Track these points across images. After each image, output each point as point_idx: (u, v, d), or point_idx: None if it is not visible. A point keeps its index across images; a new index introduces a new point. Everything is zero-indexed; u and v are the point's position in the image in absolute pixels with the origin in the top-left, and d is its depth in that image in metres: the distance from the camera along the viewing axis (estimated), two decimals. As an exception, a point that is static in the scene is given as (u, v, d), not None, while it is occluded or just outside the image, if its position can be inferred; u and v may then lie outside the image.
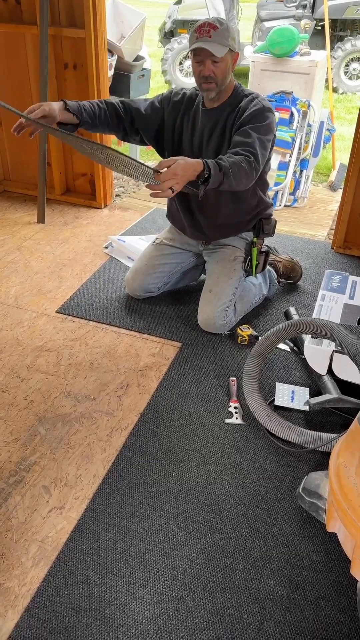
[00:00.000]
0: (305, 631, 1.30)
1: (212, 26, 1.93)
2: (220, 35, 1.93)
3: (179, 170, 1.74)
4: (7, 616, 1.31)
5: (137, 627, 1.29)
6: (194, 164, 1.79)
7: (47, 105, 1.87)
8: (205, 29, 1.93)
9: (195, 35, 1.95)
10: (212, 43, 1.93)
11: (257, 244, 2.29)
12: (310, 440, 1.73)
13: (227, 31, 1.95)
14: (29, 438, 1.79)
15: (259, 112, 2.03)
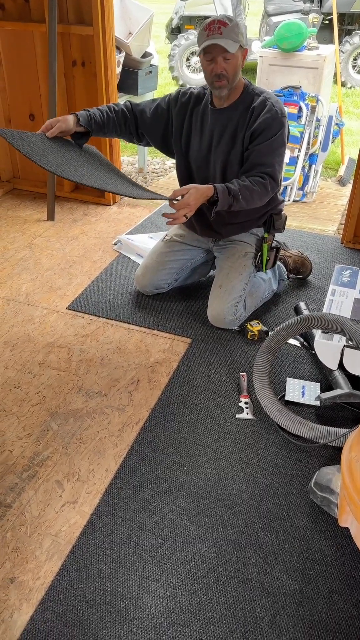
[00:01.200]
0: (318, 625, 1.30)
1: (222, 23, 1.92)
2: (230, 31, 1.92)
3: (192, 200, 1.92)
4: (22, 609, 1.32)
5: (151, 621, 1.30)
6: (206, 190, 1.95)
7: (64, 122, 1.99)
8: (215, 27, 1.92)
9: (205, 34, 1.94)
10: (223, 39, 1.92)
11: (268, 239, 2.29)
12: (322, 435, 1.73)
13: (236, 27, 1.94)
14: (42, 433, 1.80)
15: (272, 121, 2.02)
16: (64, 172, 1.83)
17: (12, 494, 1.60)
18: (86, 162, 2.01)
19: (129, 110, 2.19)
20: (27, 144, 1.87)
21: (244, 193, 2.00)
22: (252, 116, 2.06)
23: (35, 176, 3.61)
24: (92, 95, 3.13)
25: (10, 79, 3.29)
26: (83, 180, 1.83)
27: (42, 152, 1.88)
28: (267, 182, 2.04)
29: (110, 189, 1.87)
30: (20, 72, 3.24)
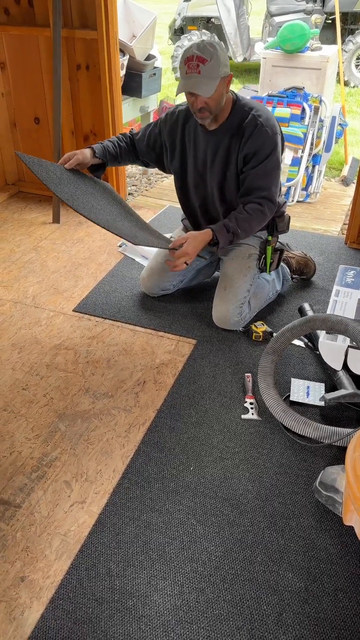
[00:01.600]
0: (324, 622, 1.32)
1: (201, 60, 1.84)
2: (210, 68, 1.85)
3: (190, 249, 2.00)
4: (32, 607, 1.35)
5: (159, 618, 1.32)
6: (204, 237, 2.03)
7: (81, 154, 2.09)
8: (193, 64, 1.85)
9: (185, 70, 1.88)
10: (201, 80, 1.86)
11: (272, 242, 2.30)
12: (327, 435, 1.75)
13: (217, 62, 1.86)
14: (50, 434, 1.83)
15: (264, 142, 2.00)
16: (75, 203, 1.88)
17: (21, 494, 1.63)
18: (100, 196, 2.07)
19: (131, 140, 2.26)
20: (45, 171, 1.93)
21: (242, 225, 2.04)
22: (243, 138, 2.03)
23: (41, 179, 3.64)
24: (97, 99, 3.15)
25: (15, 83, 3.32)
26: (92, 214, 1.86)
27: (58, 180, 1.94)
28: (264, 207, 2.06)
29: (115, 229, 1.88)
30: (25, 76, 3.27)
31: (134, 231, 1.97)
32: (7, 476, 1.68)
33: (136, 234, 1.94)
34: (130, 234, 1.91)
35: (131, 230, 1.97)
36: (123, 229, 1.92)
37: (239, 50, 7.25)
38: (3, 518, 1.56)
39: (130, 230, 1.96)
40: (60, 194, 1.86)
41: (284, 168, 3.53)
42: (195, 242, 2.02)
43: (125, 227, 1.96)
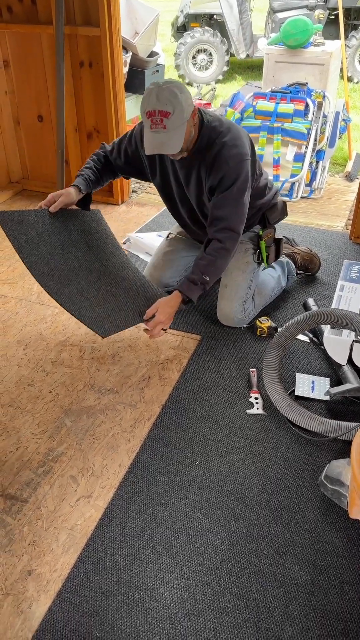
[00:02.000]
0: (330, 614, 1.33)
1: (164, 114, 1.75)
2: (174, 120, 1.76)
3: (163, 317, 1.97)
4: (40, 600, 1.36)
5: (166, 611, 1.33)
6: (174, 300, 1.99)
7: (66, 196, 2.01)
8: (157, 119, 1.76)
9: (149, 124, 1.79)
10: (169, 136, 1.79)
11: (264, 236, 2.26)
12: (332, 429, 1.75)
13: (180, 110, 1.76)
14: (56, 430, 1.84)
15: (226, 173, 1.94)
16: (48, 284, 1.84)
17: (28, 489, 1.63)
18: (82, 248, 2.03)
19: (106, 158, 2.18)
20: (23, 233, 1.84)
21: (208, 270, 1.99)
22: (207, 169, 1.98)
23: (45, 177, 3.65)
24: (100, 96, 3.16)
25: (19, 81, 3.33)
26: (63, 299, 1.83)
27: (37, 242, 1.88)
28: (224, 243, 1.99)
29: (84, 318, 1.85)
30: (28, 74, 3.28)
31: (105, 314, 1.90)
32: (14, 471, 1.69)
33: (104, 321, 1.88)
34: (97, 323, 1.85)
35: (101, 315, 1.90)
36: (93, 316, 1.87)
37: (241, 47, 7.24)
38: (10, 513, 1.57)
39: (99, 315, 1.89)
40: (35, 273, 1.82)
41: (287, 164, 3.53)
42: (167, 308, 1.98)
43: (96, 312, 1.89)
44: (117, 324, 1.91)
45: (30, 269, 1.82)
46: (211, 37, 7.18)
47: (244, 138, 2.01)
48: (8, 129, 3.50)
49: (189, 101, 1.82)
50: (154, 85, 1.78)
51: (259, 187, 2.16)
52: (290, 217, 3.33)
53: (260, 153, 3.59)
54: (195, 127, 1.93)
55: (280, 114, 3.50)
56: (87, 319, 1.83)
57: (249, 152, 2.01)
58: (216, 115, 2.01)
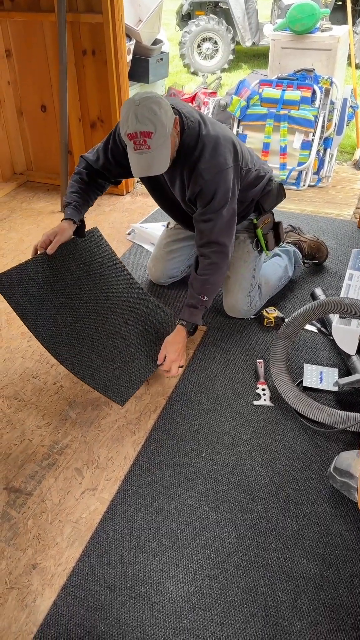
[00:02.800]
0: (339, 608, 1.30)
1: (146, 134, 1.66)
2: (158, 138, 1.69)
3: (173, 356, 1.91)
4: (44, 594, 1.34)
5: (172, 605, 1.31)
6: (179, 335, 1.93)
7: (60, 234, 1.91)
8: (139, 140, 1.68)
9: (132, 145, 1.71)
10: (154, 155, 1.73)
11: (260, 223, 2.18)
12: (340, 420, 1.72)
13: (162, 127, 1.68)
14: (60, 422, 1.82)
15: (204, 186, 1.86)
16: (56, 348, 1.80)
17: (32, 481, 1.62)
18: (88, 285, 2.00)
19: (93, 171, 2.07)
20: (24, 292, 1.80)
21: (205, 290, 1.93)
22: (187, 177, 1.91)
23: (49, 168, 3.62)
24: (103, 85, 3.11)
25: (21, 70, 3.29)
26: (70, 364, 1.80)
27: (39, 304, 1.83)
28: (211, 258, 1.92)
29: (89, 380, 1.81)
30: (30, 63, 3.24)
31: (119, 370, 1.87)
32: (18, 464, 1.67)
33: (119, 382, 1.84)
34: (114, 389, 1.81)
35: (115, 374, 1.86)
36: (107, 379, 1.83)
37: (247, 35, 7.15)
38: (14, 506, 1.55)
39: (114, 375, 1.85)
40: (42, 340, 1.79)
41: (294, 152, 3.48)
42: (174, 346, 1.92)
43: (110, 371, 1.85)
44: (132, 381, 1.87)
45: (37, 337, 1.78)
46: (216, 25, 7.09)
47: (224, 145, 1.89)
48: (11, 119, 3.47)
49: (169, 113, 1.73)
50: (130, 104, 1.68)
51: (249, 181, 2.08)
52: (298, 205, 3.28)
53: (267, 141, 3.54)
54: (178, 135, 1.85)
55: (286, 101, 3.45)
56: (102, 386, 1.80)
57: (231, 159, 1.90)
58: (196, 117, 1.89)
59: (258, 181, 2.12)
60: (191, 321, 1.95)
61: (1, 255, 2.82)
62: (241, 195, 2.03)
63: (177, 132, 1.83)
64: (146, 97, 1.70)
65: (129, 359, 1.93)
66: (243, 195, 2.06)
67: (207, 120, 1.93)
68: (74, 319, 1.89)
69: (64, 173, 3.17)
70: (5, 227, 3.11)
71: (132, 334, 2.02)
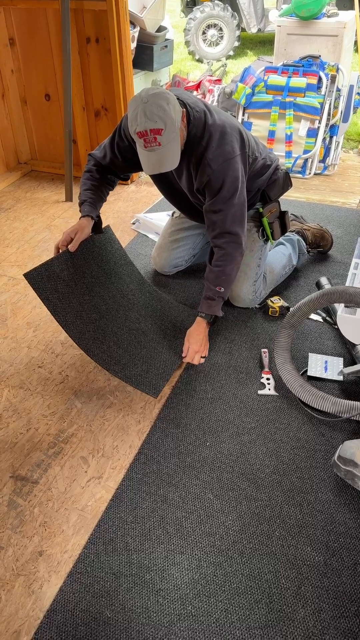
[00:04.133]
0: (343, 596, 1.31)
1: (156, 131, 1.65)
2: (168, 134, 1.67)
3: (196, 346, 1.96)
4: (51, 581, 1.36)
5: (177, 592, 1.32)
6: (200, 326, 1.98)
7: (81, 232, 1.94)
8: (150, 138, 1.67)
9: (142, 143, 1.69)
10: (165, 152, 1.71)
11: (266, 212, 2.17)
12: (345, 409, 1.72)
13: (172, 123, 1.67)
14: (66, 411, 1.83)
15: (211, 178, 1.85)
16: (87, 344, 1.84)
17: (38, 470, 1.63)
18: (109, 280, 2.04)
19: (102, 167, 2.07)
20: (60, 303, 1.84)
21: (220, 281, 1.93)
22: (194, 168, 1.90)
23: (53, 157, 3.61)
24: (107, 73, 3.09)
25: (25, 59, 3.27)
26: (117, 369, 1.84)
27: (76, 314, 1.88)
28: (225, 249, 1.92)
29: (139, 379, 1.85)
30: (34, 52, 3.22)
31: (147, 365, 1.89)
32: (24, 452, 1.69)
33: (150, 375, 1.86)
34: (146, 382, 1.84)
35: (144, 369, 1.88)
36: (137, 373, 1.85)
37: (252, 21, 7.07)
38: (21, 494, 1.56)
39: (143, 370, 1.87)
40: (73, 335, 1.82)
41: (300, 140, 3.45)
42: (196, 336, 1.97)
43: (138, 366, 1.88)
44: (161, 374, 1.89)
45: (68, 333, 1.81)
46: (221, 12, 7.01)
47: (230, 133, 1.87)
48: (15, 108, 3.45)
49: (177, 108, 1.71)
50: (138, 102, 1.67)
51: (255, 170, 2.07)
52: (304, 194, 3.26)
53: (272, 129, 3.51)
54: (185, 128, 1.84)
55: (292, 89, 3.41)
56: (134, 380, 1.83)
57: (238, 147, 1.89)
58: (201, 107, 1.88)
59: (264, 170, 2.11)
60: (210, 313, 1.97)
61: (6, 245, 2.83)
62: (248, 184, 2.02)
63: (184, 126, 1.82)
64: (154, 94, 1.68)
65: (154, 353, 1.95)
66: (249, 184, 2.05)
67: (212, 109, 1.91)
68: (99, 316, 1.91)
69: (68, 162, 3.16)
70: (10, 216, 3.11)
71: (152, 329, 2.04)
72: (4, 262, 2.69)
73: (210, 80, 4.81)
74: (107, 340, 1.87)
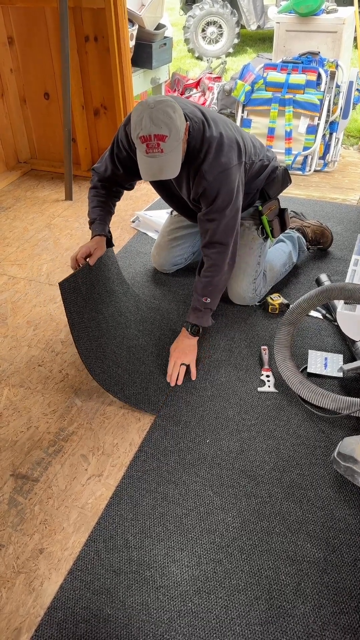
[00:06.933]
0: (343, 592, 1.31)
1: (160, 137, 1.63)
2: (171, 142, 1.65)
3: (178, 359, 1.93)
4: (51, 578, 1.36)
5: (177, 589, 1.33)
6: (181, 337, 1.97)
7: (100, 249, 1.97)
8: (153, 144, 1.64)
9: (144, 148, 1.67)
10: (167, 159, 1.68)
11: (265, 209, 2.16)
12: (345, 406, 1.72)
13: (176, 131, 1.65)
14: (66, 410, 1.83)
15: (206, 188, 1.84)
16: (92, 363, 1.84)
17: (39, 468, 1.64)
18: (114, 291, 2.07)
19: (106, 181, 2.05)
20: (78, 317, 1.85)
21: (208, 292, 1.93)
22: (192, 178, 1.89)
23: (52, 156, 3.61)
24: (106, 71, 3.09)
25: (24, 58, 3.27)
26: (116, 390, 1.84)
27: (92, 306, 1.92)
28: (213, 259, 1.91)
29: (138, 398, 1.85)
30: (33, 51, 3.22)
31: (145, 383, 1.90)
32: (25, 451, 1.69)
33: (148, 393, 1.87)
34: (145, 400, 1.84)
35: (142, 386, 1.88)
36: (135, 392, 1.85)
37: (252, 18, 7.05)
38: (21, 492, 1.57)
39: (141, 387, 1.88)
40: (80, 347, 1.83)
41: (300, 137, 3.44)
42: (181, 347, 1.95)
43: (137, 384, 1.88)
44: (160, 388, 1.89)
45: (78, 349, 1.82)
46: (221, 9, 6.99)
47: (227, 144, 1.85)
48: (14, 107, 3.45)
49: (182, 118, 1.70)
50: (144, 107, 1.65)
51: (252, 172, 2.05)
52: (304, 191, 3.26)
53: (272, 126, 3.51)
54: (187, 130, 1.81)
55: (291, 85, 3.41)
56: (133, 399, 1.83)
57: (235, 157, 1.87)
58: (200, 117, 1.86)
59: (262, 171, 2.10)
60: (196, 323, 1.96)
61: (6, 244, 2.83)
62: (245, 186, 2.01)
63: (186, 139, 1.80)
64: (161, 101, 1.66)
65: (153, 368, 1.95)
66: (247, 187, 2.04)
67: (210, 117, 1.88)
68: (100, 333, 1.92)
69: (68, 161, 3.16)
70: (10, 215, 3.11)
71: (151, 343, 2.05)
72: (3, 261, 2.69)
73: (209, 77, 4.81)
74: (107, 360, 1.89)
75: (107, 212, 2.07)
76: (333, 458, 1.56)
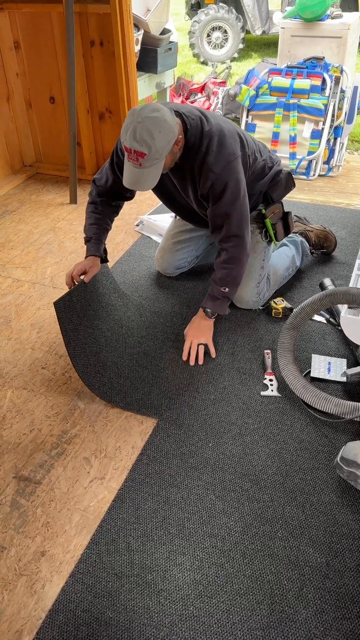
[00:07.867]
0: (345, 597, 1.30)
1: (139, 154, 1.67)
2: (150, 159, 1.69)
3: (195, 337, 2.02)
4: (53, 581, 1.36)
5: (178, 592, 1.32)
6: (202, 319, 2.04)
7: (95, 266, 2.04)
8: (133, 156, 1.69)
9: (126, 155, 1.72)
10: (144, 173, 1.73)
11: (268, 213, 2.16)
12: (348, 410, 1.72)
13: (155, 150, 1.67)
14: (69, 412, 1.83)
15: (214, 183, 1.84)
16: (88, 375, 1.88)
17: (41, 470, 1.64)
18: (109, 305, 2.10)
19: (105, 195, 2.07)
20: (73, 335, 1.88)
21: (226, 283, 1.96)
22: (197, 174, 1.89)
23: (57, 160, 3.63)
24: (112, 76, 3.11)
25: (30, 62, 3.29)
26: (119, 399, 1.86)
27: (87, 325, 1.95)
28: (230, 252, 1.93)
29: (141, 404, 1.86)
30: (39, 55, 3.23)
31: (147, 387, 1.91)
32: (27, 453, 1.69)
33: (150, 398, 1.88)
34: (148, 406, 1.84)
35: (145, 391, 1.89)
36: (138, 398, 1.87)
37: (257, 23, 7.07)
38: (23, 494, 1.57)
39: (145, 393, 1.89)
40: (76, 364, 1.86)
41: (304, 142, 3.45)
42: (198, 328, 2.02)
43: (139, 390, 1.89)
44: (164, 392, 1.89)
45: (74, 365, 1.85)
46: (226, 14, 7.02)
47: (228, 136, 1.86)
48: (20, 111, 3.47)
49: (170, 136, 1.70)
50: (134, 117, 1.67)
51: (256, 171, 2.06)
52: (308, 195, 3.26)
53: (276, 131, 3.51)
54: (180, 142, 1.82)
55: (296, 90, 3.41)
56: (135, 405, 1.84)
57: (238, 148, 1.89)
58: (197, 114, 1.87)
59: (265, 172, 2.11)
60: (212, 310, 2.01)
61: (11, 247, 2.84)
62: (248, 188, 2.01)
63: (179, 148, 1.82)
64: (149, 117, 1.66)
65: (157, 372, 1.96)
66: (250, 187, 2.05)
67: (208, 114, 1.90)
68: (98, 349, 1.94)
69: (73, 165, 3.18)
70: (15, 219, 3.13)
71: (154, 347, 2.07)
72: (8, 264, 2.70)
73: (214, 82, 4.82)
74: (107, 373, 1.90)
75: (103, 229, 2.10)
76: (336, 463, 1.56)
